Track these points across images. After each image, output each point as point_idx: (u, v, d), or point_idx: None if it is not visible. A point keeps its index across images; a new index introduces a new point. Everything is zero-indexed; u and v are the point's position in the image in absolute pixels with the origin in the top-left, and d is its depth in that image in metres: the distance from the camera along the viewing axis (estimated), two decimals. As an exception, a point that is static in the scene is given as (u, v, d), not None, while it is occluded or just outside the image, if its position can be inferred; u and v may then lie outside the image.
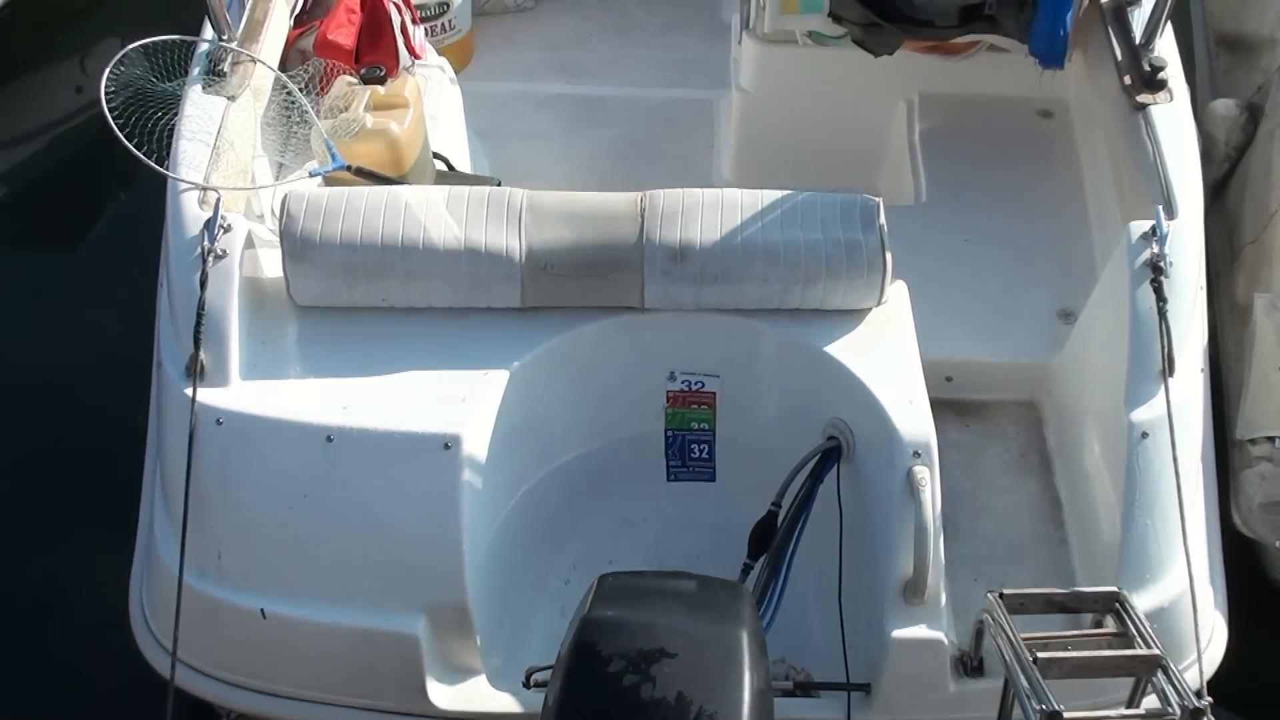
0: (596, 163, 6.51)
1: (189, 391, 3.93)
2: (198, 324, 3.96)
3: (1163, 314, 4.11)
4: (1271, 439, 5.04)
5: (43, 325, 6.56)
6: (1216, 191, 5.94)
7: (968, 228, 5.32)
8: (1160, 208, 4.29)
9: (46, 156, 7.56)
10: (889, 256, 4.07)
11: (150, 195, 4.64)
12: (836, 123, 5.98)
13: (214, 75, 4.63)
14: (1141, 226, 4.24)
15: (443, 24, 6.65)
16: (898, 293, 4.23)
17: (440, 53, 6.11)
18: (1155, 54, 4.87)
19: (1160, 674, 3.38)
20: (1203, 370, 4.45)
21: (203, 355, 3.96)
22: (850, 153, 6.00)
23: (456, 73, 6.16)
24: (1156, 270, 4.15)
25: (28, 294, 6.72)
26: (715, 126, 6.65)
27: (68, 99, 7.68)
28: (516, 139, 6.59)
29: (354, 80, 4.97)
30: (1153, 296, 4.12)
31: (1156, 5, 4.86)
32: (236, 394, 3.97)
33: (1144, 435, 4.07)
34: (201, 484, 3.88)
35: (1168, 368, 4.11)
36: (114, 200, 7.12)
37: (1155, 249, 4.17)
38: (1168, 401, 4.06)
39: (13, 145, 7.63)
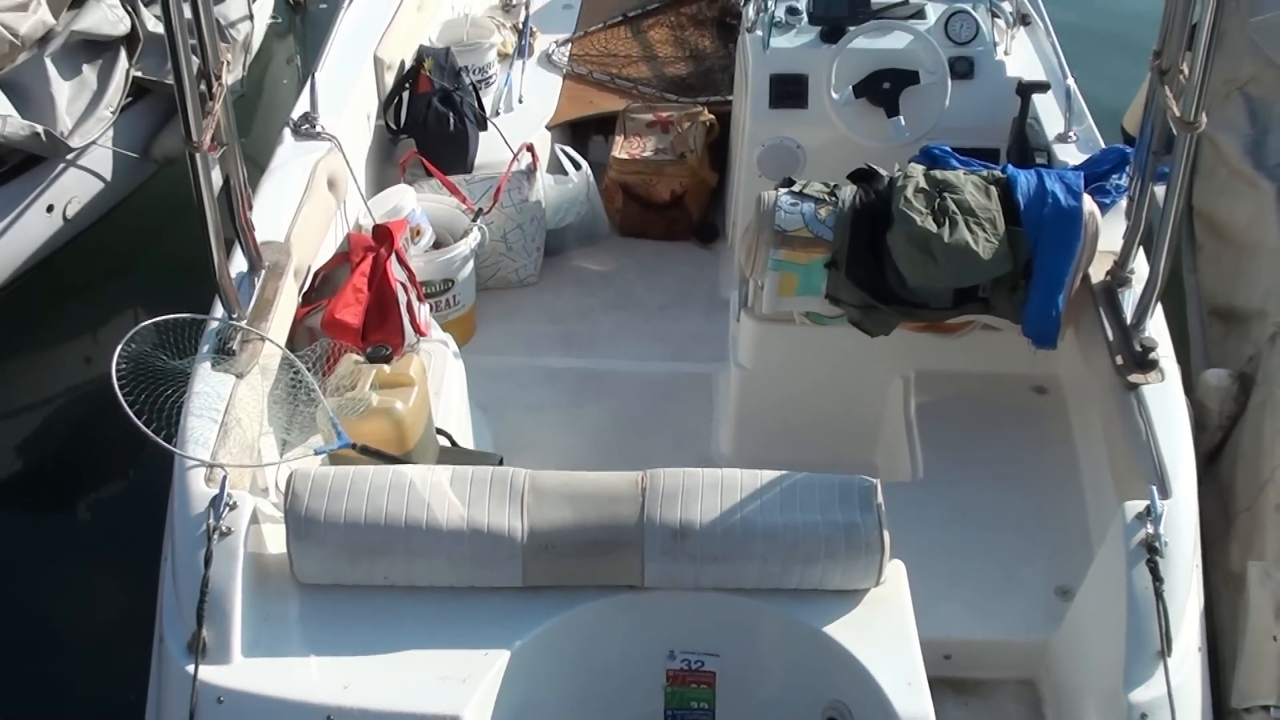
0: (598, 435, 6.57)
1: (190, 669, 3.94)
2: (201, 602, 3.99)
3: (1159, 594, 4.14)
4: (1266, 708, 5.01)
5: (44, 599, 6.52)
6: (1210, 460, 5.97)
7: (965, 504, 5.37)
8: (1154, 488, 4.34)
9: (55, 428, 7.63)
10: (886, 537, 4.09)
11: (157, 470, 4.70)
12: (834, 399, 6.06)
13: (223, 353, 4.73)
14: (1136, 506, 4.29)
15: (447, 299, 6.79)
16: (895, 572, 4.24)
17: (445, 328, 6.22)
18: (1146, 334, 4.99)
19: None
20: (1200, 649, 4.47)
21: (205, 632, 3.97)
22: (848, 428, 6.08)
23: (460, 346, 6.26)
24: (1152, 550, 4.19)
25: (30, 567, 6.69)
26: (715, 400, 6.73)
27: (78, 370, 7.78)
28: (519, 412, 6.67)
29: (360, 358, 5.06)
30: (1149, 577, 4.16)
31: (1146, 287, 4.98)
32: (238, 672, 3.96)
33: (1143, 716, 4.07)
34: (201, 763, 3.87)
35: (1166, 648, 4.12)
36: (120, 474, 7.15)
37: (1150, 529, 4.23)
38: (1167, 682, 4.07)
39: (20, 414, 7.71)
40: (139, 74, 8.21)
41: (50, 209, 7.88)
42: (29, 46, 7.87)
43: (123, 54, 8.20)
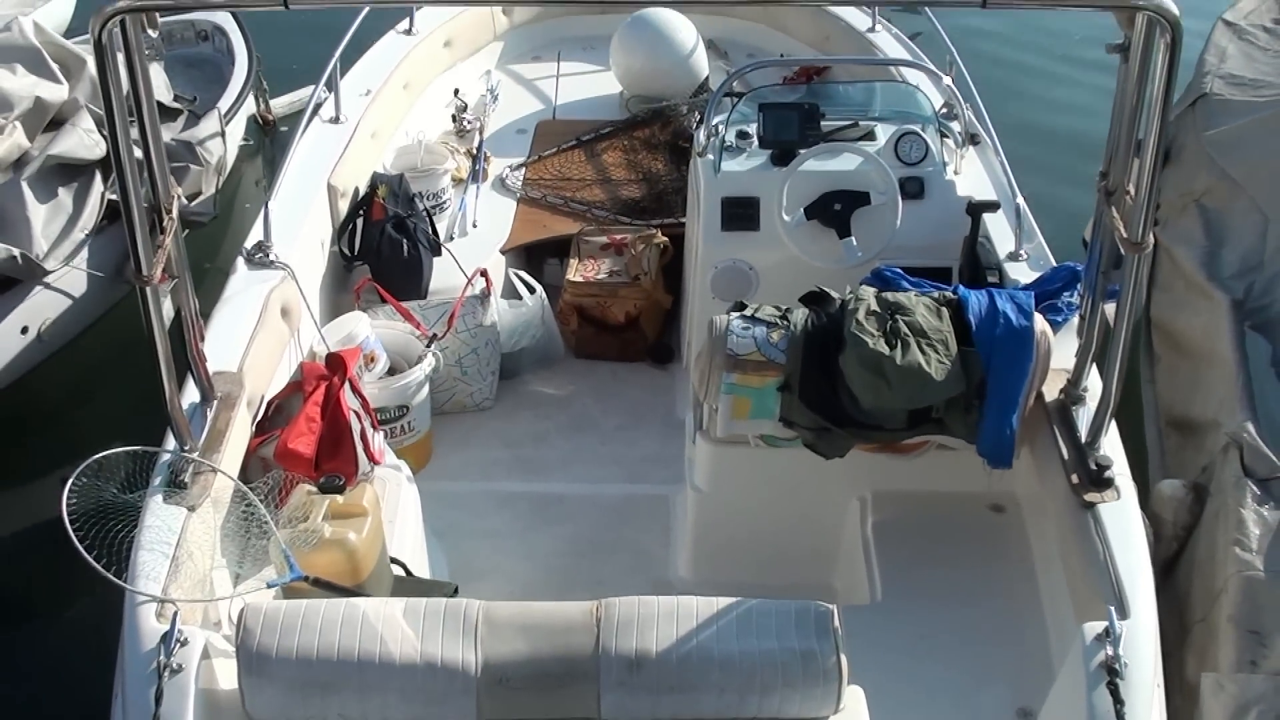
0: (554, 560, 6.54)
1: None
2: None
3: (1121, 717, 4.11)
4: None
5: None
6: (1166, 571, 5.99)
7: (924, 625, 5.35)
8: (1113, 608, 4.33)
9: (6, 557, 7.53)
10: (844, 664, 4.06)
11: (108, 605, 4.63)
12: (791, 521, 6.04)
13: (174, 486, 4.71)
14: (1095, 628, 4.28)
15: (403, 425, 6.77)
16: (855, 699, 4.20)
17: (399, 454, 6.20)
18: (1101, 452, 4.99)
19: None
20: (1164, 770, 4.45)
21: None
22: (805, 550, 6.05)
23: (415, 472, 6.24)
24: (1112, 672, 4.17)
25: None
26: (672, 522, 6.71)
27: (34, 498, 7.64)
28: (475, 538, 6.63)
29: (313, 489, 5.03)
30: (1109, 699, 4.13)
31: (1100, 406, 5.00)
32: None
33: None
34: None
35: (1129, 771, 4.10)
36: (71, 609, 7.02)
37: (1109, 651, 4.20)
38: None
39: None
40: (113, 197, 8.22)
41: (25, 330, 7.88)
42: (4, 170, 7.94)
43: (98, 177, 8.26)
